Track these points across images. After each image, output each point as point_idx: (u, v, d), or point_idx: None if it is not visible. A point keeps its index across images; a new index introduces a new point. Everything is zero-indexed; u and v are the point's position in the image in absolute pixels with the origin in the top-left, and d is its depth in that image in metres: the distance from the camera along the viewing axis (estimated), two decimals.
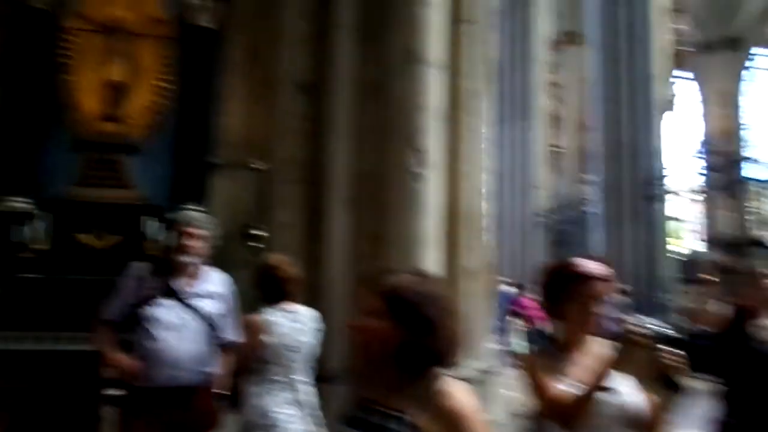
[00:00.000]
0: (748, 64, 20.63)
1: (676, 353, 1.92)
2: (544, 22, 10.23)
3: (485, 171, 4.09)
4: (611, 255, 8.49)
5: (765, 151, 18.67)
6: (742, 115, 20.33)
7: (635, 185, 8.39)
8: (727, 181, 15.70)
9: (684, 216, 19.71)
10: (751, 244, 14.47)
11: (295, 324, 2.94)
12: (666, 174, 10.31)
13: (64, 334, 5.04)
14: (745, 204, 17.57)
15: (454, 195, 3.83)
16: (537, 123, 10.46)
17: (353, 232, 3.87)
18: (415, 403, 1.41)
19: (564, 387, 1.98)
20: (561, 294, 2.10)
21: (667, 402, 1.96)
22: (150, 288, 2.82)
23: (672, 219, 13.27)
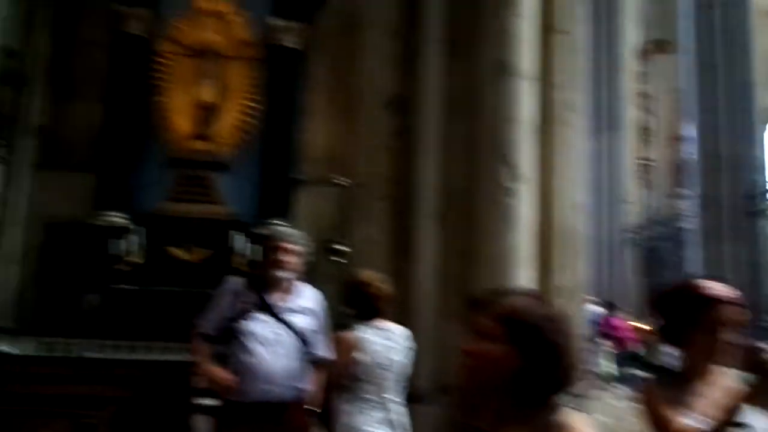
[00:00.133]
0: None
1: None
2: (631, 30, 9.83)
3: (579, 185, 3.90)
4: (710, 274, 7.93)
5: None
6: None
7: (736, 200, 7.81)
8: None
9: None
10: None
11: (388, 342, 2.88)
12: None
13: (156, 344, 5.25)
14: None
15: (547, 211, 3.67)
16: (625, 135, 10.00)
17: (442, 248, 3.79)
18: None
19: (690, 422, 1.80)
20: (684, 319, 1.92)
21: None
22: (245, 302, 2.84)
23: None
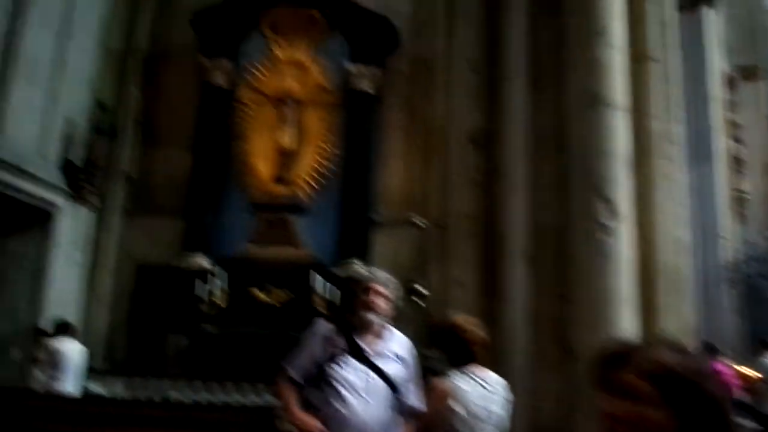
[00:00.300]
0: None
1: None
2: (718, 57, 9.37)
3: (680, 221, 3.63)
4: None
5: None
6: None
7: None
8: None
9: None
10: None
11: (485, 391, 2.69)
12: None
13: (240, 385, 5.28)
14: None
15: (647, 248, 3.41)
16: (717, 166, 9.42)
17: (534, 290, 3.59)
18: None
19: None
20: None
21: None
22: (336, 346, 2.75)
23: None
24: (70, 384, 4.56)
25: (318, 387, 2.84)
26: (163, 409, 4.04)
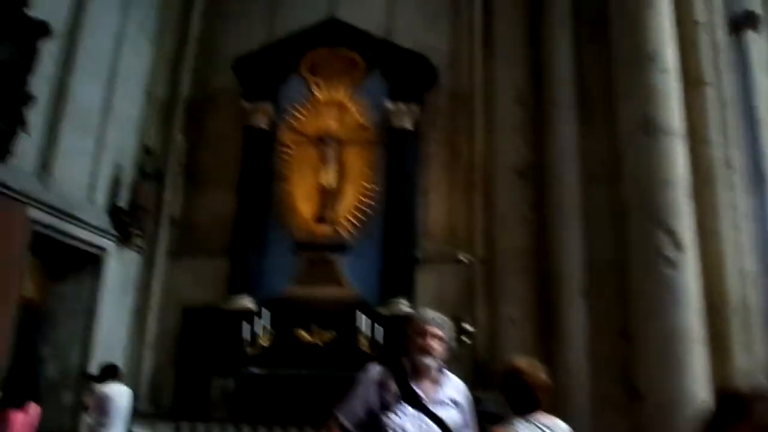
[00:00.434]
0: None
1: None
2: (762, 79, 9.10)
3: (746, 250, 3.42)
4: None
5: None
6: None
7: None
8: None
9: None
10: None
11: None
12: None
13: (289, 429, 5.15)
14: None
15: (716, 281, 3.21)
16: None
17: (594, 327, 3.41)
18: None
19: None
20: None
21: None
22: (390, 392, 2.63)
23: None
24: (117, 430, 4.52)
25: None
26: None
